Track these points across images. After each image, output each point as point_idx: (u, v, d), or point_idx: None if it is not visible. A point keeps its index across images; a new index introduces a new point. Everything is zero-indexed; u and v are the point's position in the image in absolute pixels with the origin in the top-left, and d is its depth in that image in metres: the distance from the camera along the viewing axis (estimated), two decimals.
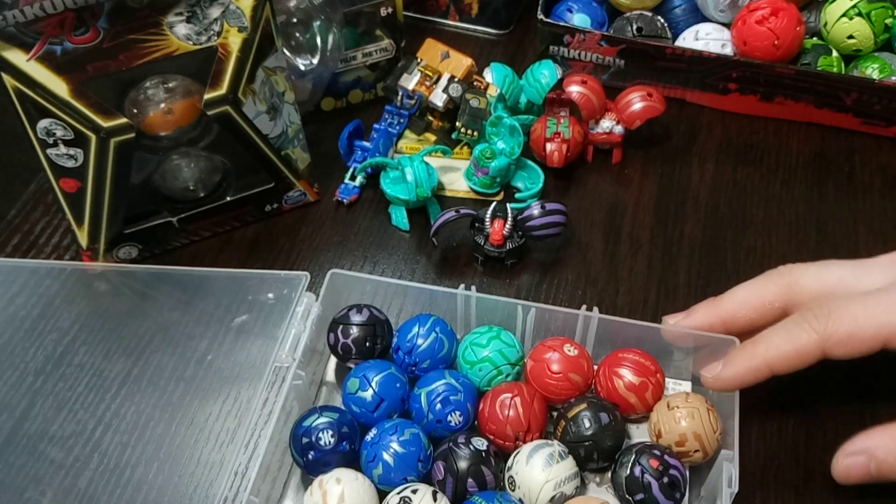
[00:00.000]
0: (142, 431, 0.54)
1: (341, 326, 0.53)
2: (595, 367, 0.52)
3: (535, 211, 0.60)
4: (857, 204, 0.66)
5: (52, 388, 0.55)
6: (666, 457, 0.46)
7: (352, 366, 0.53)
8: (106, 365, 0.57)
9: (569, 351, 0.51)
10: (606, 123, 0.68)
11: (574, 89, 0.67)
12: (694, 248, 0.63)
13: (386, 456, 0.47)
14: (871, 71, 0.68)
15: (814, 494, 0.51)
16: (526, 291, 0.61)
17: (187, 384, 0.56)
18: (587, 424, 0.48)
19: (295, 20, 0.66)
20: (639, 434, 0.52)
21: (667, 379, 0.53)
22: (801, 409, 0.54)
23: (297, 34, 0.66)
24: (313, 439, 0.48)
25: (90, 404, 0.55)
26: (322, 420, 0.48)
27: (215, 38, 0.54)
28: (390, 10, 0.68)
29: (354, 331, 0.53)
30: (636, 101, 0.67)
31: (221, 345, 0.57)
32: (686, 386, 0.54)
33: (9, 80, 0.50)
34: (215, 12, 0.53)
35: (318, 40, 0.67)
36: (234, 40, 0.54)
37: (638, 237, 0.64)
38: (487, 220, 0.61)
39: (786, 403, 0.55)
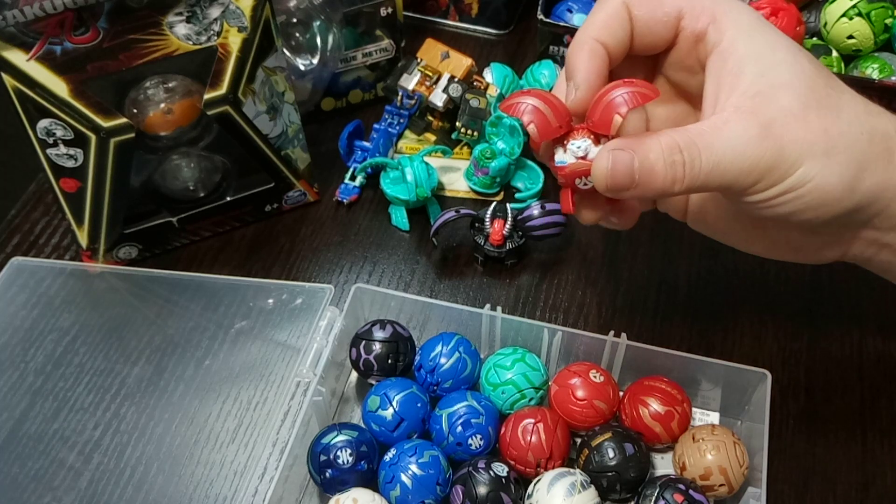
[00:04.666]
0: (142, 432, 0.54)
1: (364, 342, 0.52)
2: (621, 394, 0.51)
3: (535, 211, 0.60)
4: None
5: (52, 388, 0.55)
6: (691, 492, 0.45)
7: (373, 382, 0.52)
8: (106, 365, 0.57)
9: (594, 377, 0.50)
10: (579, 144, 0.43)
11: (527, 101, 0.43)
12: (694, 248, 0.63)
13: (404, 478, 0.46)
14: (871, 71, 0.68)
15: None
16: (526, 291, 0.61)
17: (187, 385, 0.56)
18: (611, 454, 0.47)
19: (295, 20, 0.66)
20: (663, 464, 0.51)
21: (694, 409, 0.52)
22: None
23: (297, 34, 0.66)
24: (331, 457, 0.47)
25: (90, 405, 0.55)
26: (341, 438, 0.48)
27: (215, 38, 0.54)
28: (390, 10, 0.68)
29: (377, 347, 0.52)
30: (618, 93, 0.44)
31: (222, 346, 0.58)
32: (714, 417, 0.53)
33: (9, 80, 0.50)
34: (215, 12, 0.53)
35: (318, 40, 0.67)
36: (234, 40, 0.54)
37: (638, 237, 0.64)
38: (487, 220, 0.61)
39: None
